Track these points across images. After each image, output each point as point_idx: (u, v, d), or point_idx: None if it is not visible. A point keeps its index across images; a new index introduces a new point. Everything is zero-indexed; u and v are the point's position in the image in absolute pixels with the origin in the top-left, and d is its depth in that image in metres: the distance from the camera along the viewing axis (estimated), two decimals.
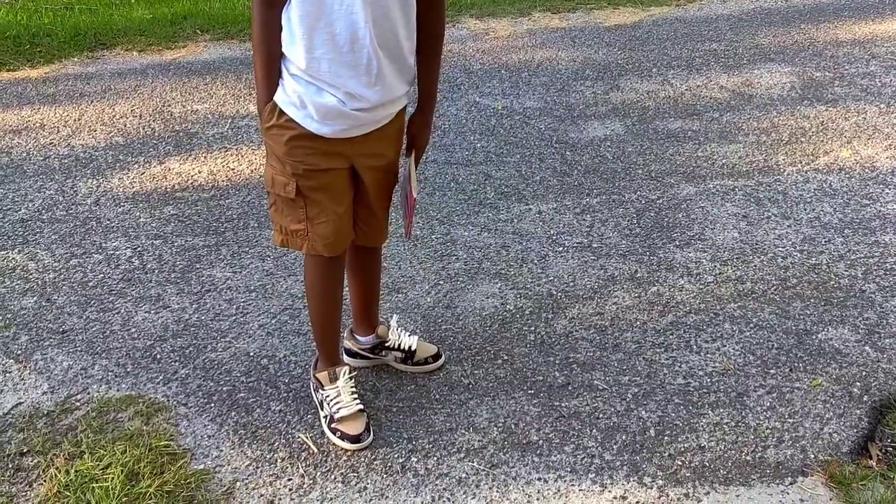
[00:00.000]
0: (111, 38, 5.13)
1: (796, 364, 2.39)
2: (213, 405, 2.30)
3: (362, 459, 2.11)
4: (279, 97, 1.88)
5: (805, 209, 3.14)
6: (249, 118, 4.02)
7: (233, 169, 3.57)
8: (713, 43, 4.78)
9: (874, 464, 2.05)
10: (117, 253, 3.02)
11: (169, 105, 4.21)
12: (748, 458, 2.08)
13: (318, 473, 2.08)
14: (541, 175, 3.46)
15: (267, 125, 1.91)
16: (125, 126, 4.00)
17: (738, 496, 1.98)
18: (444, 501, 1.99)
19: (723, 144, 3.64)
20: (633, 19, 5.26)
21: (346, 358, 2.39)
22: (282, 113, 1.88)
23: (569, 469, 2.07)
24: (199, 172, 3.55)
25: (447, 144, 3.74)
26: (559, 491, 2.01)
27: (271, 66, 1.86)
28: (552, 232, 3.06)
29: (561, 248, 2.96)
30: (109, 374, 2.44)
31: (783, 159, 3.50)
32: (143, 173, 3.56)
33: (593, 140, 3.72)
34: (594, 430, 2.18)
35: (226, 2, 5.57)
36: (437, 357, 2.40)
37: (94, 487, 2.03)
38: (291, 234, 2.02)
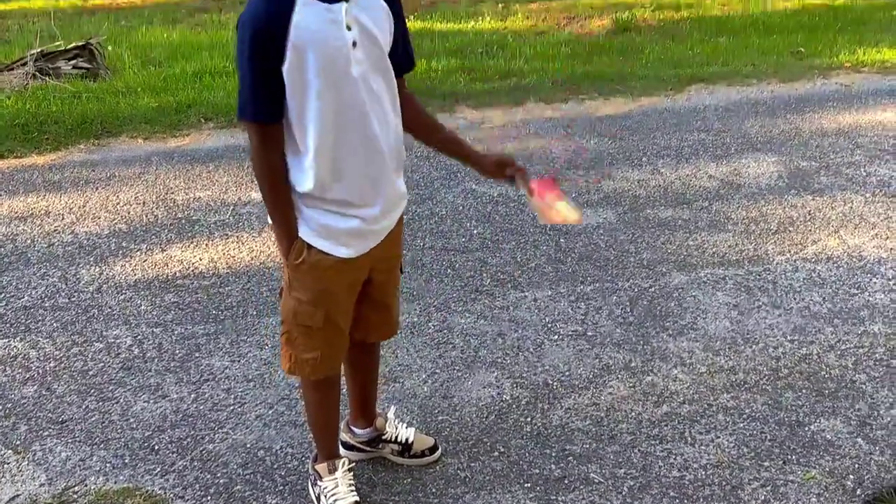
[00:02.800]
0: (117, 125, 5.27)
1: (790, 456, 2.41)
2: (209, 498, 2.31)
3: None
4: (305, 233, 1.91)
5: (795, 298, 3.20)
6: (251, 205, 4.11)
7: (233, 256, 3.64)
8: (701, 133, 4.93)
9: None
10: (118, 341, 3.05)
11: (172, 192, 4.31)
12: None
13: None
14: (536, 262, 3.53)
15: (297, 262, 1.92)
16: (128, 213, 4.09)
17: None
18: None
19: (713, 233, 3.73)
20: (624, 109, 5.43)
21: (341, 451, 2.40)
22: (310, 247, 1.91)
23: None
24: (200, 260, 3.62)
25: (444, 231, 3.82)
26: None
27: (287, 204, 1.89)
28: (547, 320, 3.11)
29: (556, 337, 3.01)
30: (107, 465, 2.44)
31: (772, 248, 3.58)
32: (146, 260, 3.63)
33: (586, 227, 3.81)
34: None
35: (229, 91, 5.73)
36: (433, 449, 2.41)
37: None
38: (301, 363, 2.04)
